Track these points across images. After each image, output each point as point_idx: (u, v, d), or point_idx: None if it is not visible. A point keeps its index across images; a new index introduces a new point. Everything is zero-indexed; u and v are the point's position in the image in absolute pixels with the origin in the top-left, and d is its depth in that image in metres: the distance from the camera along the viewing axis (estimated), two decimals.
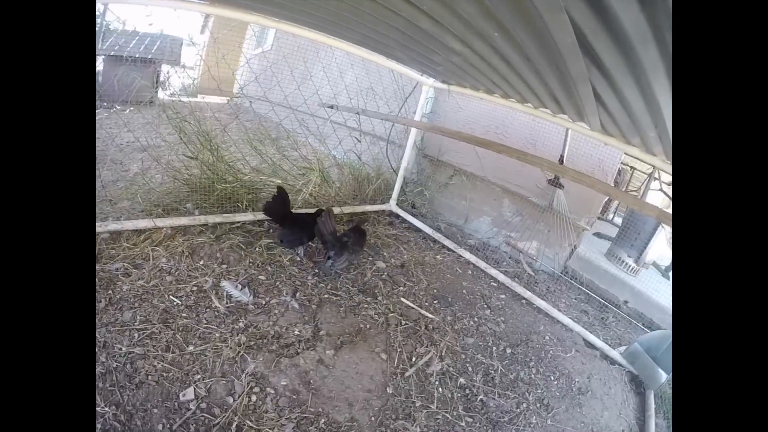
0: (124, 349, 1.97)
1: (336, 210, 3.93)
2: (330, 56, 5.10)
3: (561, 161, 3.51)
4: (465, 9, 1.78)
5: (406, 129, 4.71)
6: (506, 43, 2.01)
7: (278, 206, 3.19)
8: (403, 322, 2.84)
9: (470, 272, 3.97)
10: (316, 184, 3.66)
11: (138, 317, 2.17)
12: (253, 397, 1.96)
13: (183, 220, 3.03)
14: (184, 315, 2.30)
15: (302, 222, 3.17)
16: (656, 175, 6.30)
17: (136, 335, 2.06)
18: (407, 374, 2.41)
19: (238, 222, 3.32)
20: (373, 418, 2.07)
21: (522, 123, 4.40)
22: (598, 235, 5.59)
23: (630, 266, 4.64)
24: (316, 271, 3.12)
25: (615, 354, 3.28)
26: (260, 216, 3.41)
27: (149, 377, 1.89)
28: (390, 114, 4.62)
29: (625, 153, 4.15)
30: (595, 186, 2.59)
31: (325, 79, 4.36)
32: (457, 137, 3.36)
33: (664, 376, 2.89)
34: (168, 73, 8.43)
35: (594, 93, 2.14)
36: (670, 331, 3.10)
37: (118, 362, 1.91)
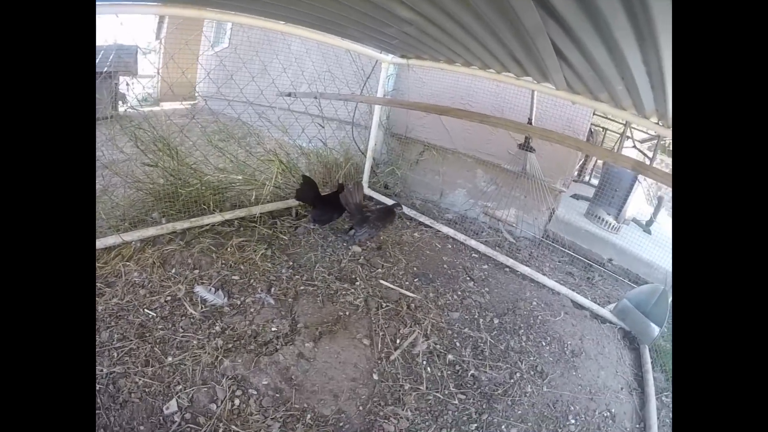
0: (105, 369, 1.89)
1: None
2: (285, 47, 4.96)
3: (529, 125, 3.46)
4: None
5: (370, 109, 4.60)
6: (455, 2, 1.92)
7: (307, 191, 3.47)
8: (384, 305, 2.76)
9: (450, 246, 3.92)
10: (279, 175, 3.56)
11: (115, 336, 2.09)
12: (236, 401, 1.89)
13: (150, 231, 2.91)
14: (160, 327, 2.22)
15: (331, 202, 3.53)
16: (628, 134, 6.32)
17: (115, 354, 1.98)
18: (392, 357, 2.34)
19: (207, 224, 3.20)
20: (361, 408, 2.01)
21: (487, 91, 4.33)
22: (575, 196, 5.57)
23: (610, 224, 4.64)
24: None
25: (605, 312, 3.28)
26: (228, 216, 3.31)
27: (132, 395, 1.82)
28: (349, 94, 4.51)
29: (594, 111, 4.14)
30: (565, 141, 2.52)
31: (281, 70, 4.23)
32: (417, 108, 3.28)
33: (657, 330, 2.88)
34: (127, 84, 8.15)
35: (554, 48, 2.07)
36: (657, 285, 3.10)
37: (100, 384, 1.83)
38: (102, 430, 1.66)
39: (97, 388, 1.81)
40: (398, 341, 2.47)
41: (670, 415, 2.46)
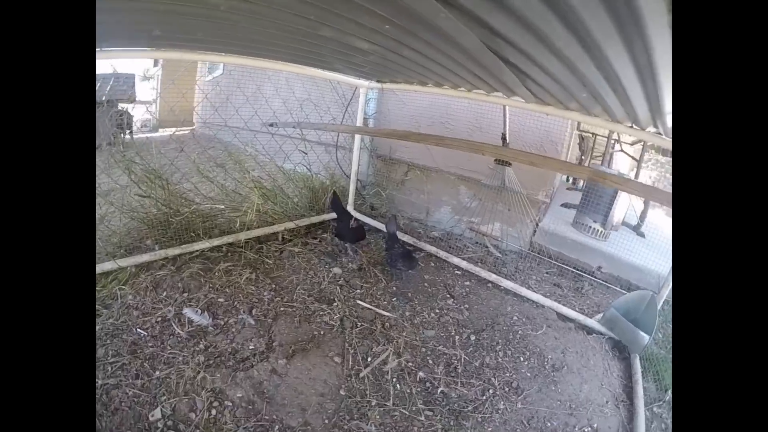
0: (99, 382, 2.08)
1: (291, 225, 4.04)
2: (264, 77, 5.12)
3: (504, 139, 3.53)
4: (339, 8, 1.77)
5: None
6: (402, 33, 2.01)
7: (337, 202, 4.16)
8: (359, 324, 2.83)
9: (432, 264, 3.97)
10: (260, 204, 3.72)
11: (110, 352, 2.27)
12: (213, 411, 2.04)
13: (145, 257, 3.08)
14: (150, 344, 2.38)
15: (360, 229, 3.94)
16: (615, 136, 6.28)
17: (109, 368, 2.16)
18: (362, 375, 2.40)
19: (197, 251, 3.35)
20: (326, 421, 2.09)
21: (465, 109, 4.43)
22: (565, 205, 5.55)
23: (598, 231, 4.61)
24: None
25: (592, 323, 3.24)
26: (216, 242, 3.46)
27: (122, 404, 1.99)
28: (327, 123, 4.64)
29: (570, 120, 4.17)
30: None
31: (266, 99, 4.39)
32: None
33: (646, 338, 2.82)
34: (127, 112, 8.42)
35: (511, 63, 2.12)
36: (646, 291, 3.05)
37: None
38: None
39: None
40: (369, 359, 2.54)
41: (662, 426, 2.43)
